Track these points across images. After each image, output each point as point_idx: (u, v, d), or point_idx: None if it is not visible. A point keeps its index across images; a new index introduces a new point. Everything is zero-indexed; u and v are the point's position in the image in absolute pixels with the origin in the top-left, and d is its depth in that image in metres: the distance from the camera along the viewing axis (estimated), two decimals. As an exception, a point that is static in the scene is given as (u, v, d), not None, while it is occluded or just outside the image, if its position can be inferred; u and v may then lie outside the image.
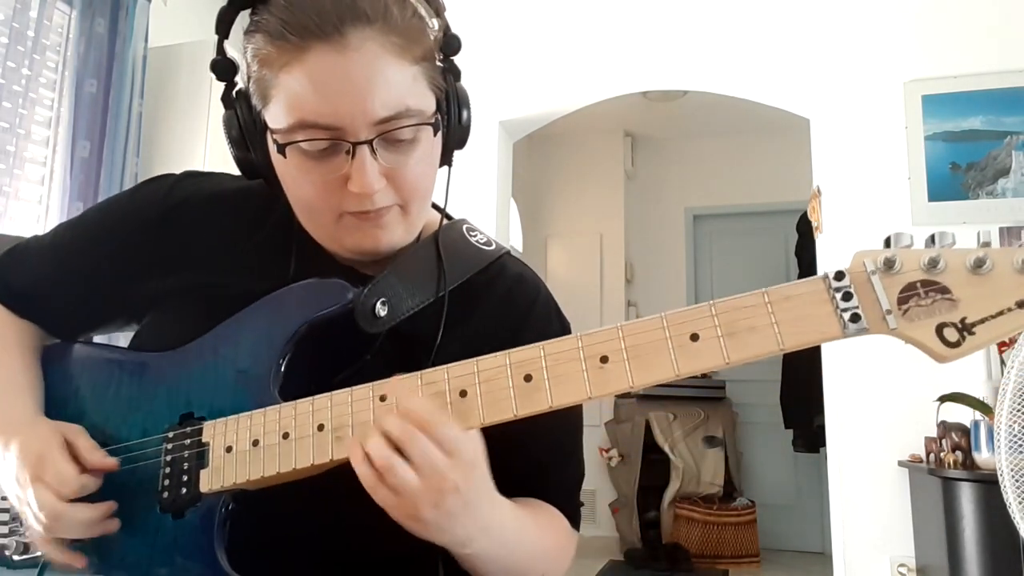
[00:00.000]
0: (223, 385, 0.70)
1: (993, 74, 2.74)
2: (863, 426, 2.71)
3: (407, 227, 0.72)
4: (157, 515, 0.68)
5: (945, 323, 0.53)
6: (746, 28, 3.06)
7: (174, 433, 0.69)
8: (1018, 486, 1.62)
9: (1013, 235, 2.63)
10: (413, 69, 0.66)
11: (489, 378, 0.60)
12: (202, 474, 0.66)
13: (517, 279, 0.82)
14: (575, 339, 0.59)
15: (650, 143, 5.20)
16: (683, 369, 0.56)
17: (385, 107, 0.64)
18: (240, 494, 0.66)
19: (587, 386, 0.58)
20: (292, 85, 0.63)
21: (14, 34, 2.22)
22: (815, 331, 0.55)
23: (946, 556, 2.26)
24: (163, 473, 0.68)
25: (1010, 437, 1.63)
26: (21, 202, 2.35)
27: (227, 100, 0.71)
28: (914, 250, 0.56)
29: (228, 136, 0.72)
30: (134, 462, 0.70)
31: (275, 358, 0.69)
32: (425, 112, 0.67)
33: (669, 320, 0.58)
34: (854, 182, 2.86)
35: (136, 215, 0.79)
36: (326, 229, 0.71)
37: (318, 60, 0.62)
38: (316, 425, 0.63)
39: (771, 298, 0.56)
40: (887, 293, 0.54)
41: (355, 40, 0.62)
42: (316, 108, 0.63)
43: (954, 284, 0.53)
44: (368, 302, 0.70)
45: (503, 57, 3.27)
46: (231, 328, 0.72)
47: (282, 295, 0.71)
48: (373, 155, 0.65)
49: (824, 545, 4.18)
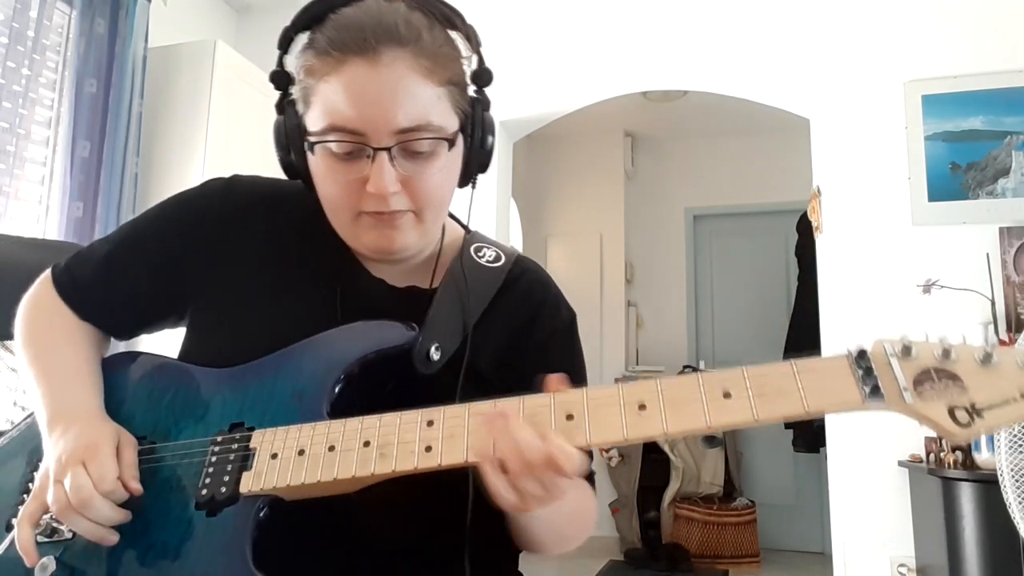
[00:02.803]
0: (277, 402, 0.74)
1: (993, 74, 2.74)
2: (863, 426, 2.71)
3: (421, 233, 0.79)
4: (191, 511, 0.69)
5: (956, 406, 0.59)
6: (746, 28, 3.06)
7: (223, 437, 0.73)
8: (1018, 486, 1.62)
9: (1013, 235, 2.63)
10: (438, 90, 0.73)
11: (533, 414, 0.64)
12: (244, 476, 0.69)
13: (529, 281, 0.90)
14: (616, 388, 0.65)
15: (650, 143, 5.20)
16: (714, 421, 0.61)
17: (407, 118, 0.71)
18: (276, 503, 0.68)
19: (624, 429, 0.63)
20: (329, 93, 0.71)
21: (14, 34, 2.22)
22: (838, 399, 0.61)
23: (946, 556, 2.26)
24: (206, 472, 0.71)
25: (1010, 437, 1.63)
26: (21, 202, 2.35)
27: (280, 107, 0.79)
28: (928, 343, 0.62)
29: (276, 139, 0.79)
30: (180, 459, 0.73)
31: (332, 381, 0.73)
32: (445, 130, 0.74)
33: (704, 379, 0.64)
34: (854, 182, 2.86)
35: (194, 215, 0.86)
36: (347, 226, 0.78)
37: (353, 72, 0.70)
38: (362, 441, 0.67)
39: (798, 368, 0.62)
40: (904, 374, 0.60)
41: (387, 58, 0.70)
42: (346, 114, 0.70)
43: (964, 373, 0.60)
44: (425, 346, 0.76)
45: (503, 57, 3.26)
46: (294, 351, 0.76)
47: (347, 328, 0.76)
48: (392, 161, 0.72)
49: (824, 545, 4.18)
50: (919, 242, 2.74)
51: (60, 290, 0.87)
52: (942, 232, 2.72)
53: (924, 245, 2.73)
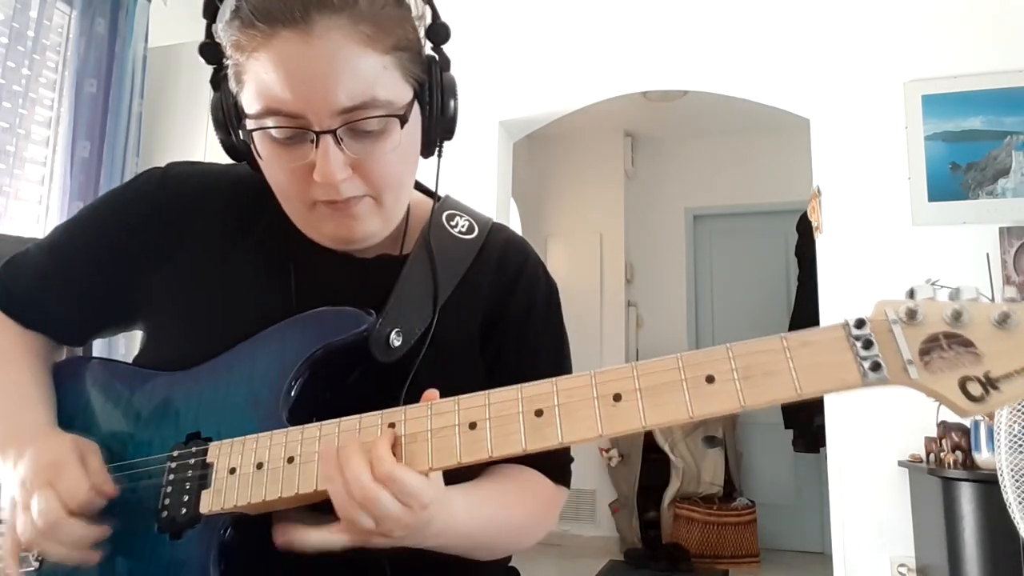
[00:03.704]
0: (232, 406, 0.69)
1: (993, 74, 2.74)
2: (863, 426, 2.71)
3: (384, 218, 0.72)
4: (155, 534, 0.66)
5: (968, 376, 0.51)
6: (746, 28, 3.06)
7: (179, 452, 0.69)
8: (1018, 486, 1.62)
9: (1013, 235, 2.63)
10: (384, 59, 0.65)
11: (500, 411, 0.60)
12: (203, 495, 0.65)
13: (503, 247, 0.84)
14: (588, 376, 0.59)
15: (650, 143, 5.20)
16: (697, 411, 0.56)
17: (349, 97, 0.63)
18: (240, 519, 0.65)
19: (599, 424, 0.57)
20: (259, 72, 0.63)
21: (14, 34, 2.22)
22: (834, 378, 0.54)
23: (946, 556, 2.26)
24: (164, 492, 0.67)
25: (1010, 437, 1.63)
26: (21, 202, 2.35)
27: (214, 82, 0.71)
28: (937, 302, 0.54)
29: (213, 117, 0.71)
30: (137, 479, 0.69)
31: (286, 381, 0.68)
32: (395, 103, 0.66)
33: (685, 361, 0.57)
34: (854, 182, 2.86)
35: (130, 208, 0.79)
36: (303, 217, 0.71)
37: (283, 47, 0.62)
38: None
39: (789, 343, 0.55)
40: (909, 344, 0.53)
41: (320, 28, 0.61)
42: (280, 96, 0.63)
43: (978, 338, 0.52)
44: (383, 332, 0.70)
45: (503, 57, 3.27)
46: (243, 351, 0.72)
47: (296, 321, 0.71)
48: (338, 144, 0.64)
49: (824, 545, 4.18)
50: (919, 242, 2.74)
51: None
52: (942, 232, 2.72)
53: (924, 245, 2.73)
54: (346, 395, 0.69)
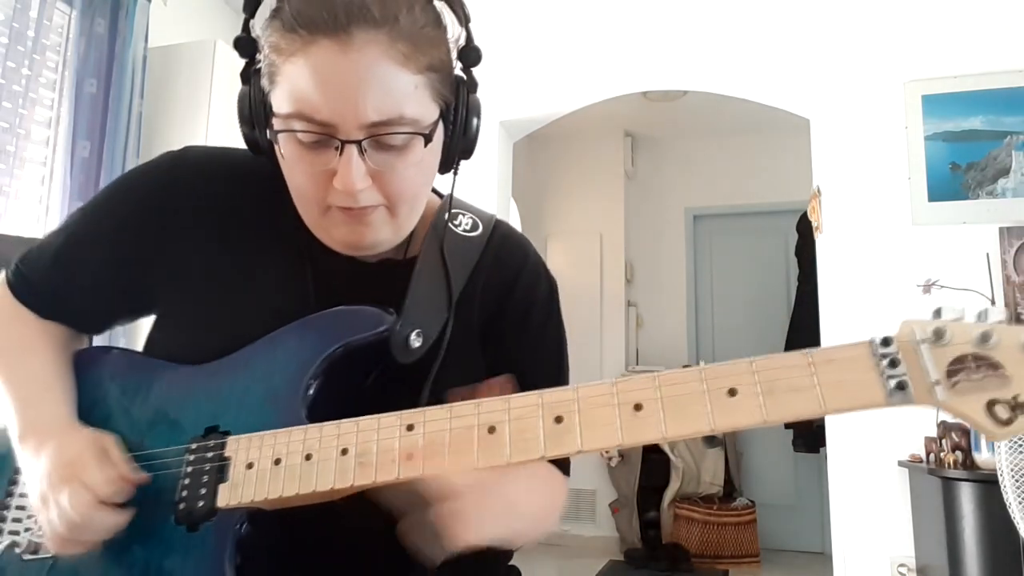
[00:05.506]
0: (252, 402, 0.70)
1: (993, 74, 2.74)
2: (863, 426, 2.71)
3: (395, 228, 0.73)
4: (171, 526, 0.67)
5: (996, 400, 0.51)
6: (746, 28, 3.06)
7: (197, 445, 0.69)
8: (1018, 486, 1.62)
9: (1013, 235, 2.63)
10: (416, 79, 0.66)
11: (520, 416, 0.60)
12: (221, 488, 0.66)
13: (505, 244, 0.84)
14: (609, 384, 0.59)
15: (650, 143, 5.20)
16: (719, 424, 0.55)
17: (378, 112, 0.64)
18: (256, 513, 0.66)
19: (619, 433, 0.57)
20: (295, 76, 0.64)
21: (14, 34, 2.22)
22: (858, 396, 0.54)
23: (946, 556, 2.26)
24: (182, 484, 0.68)
25: (1010, 437, 1.63)
26: (21, 202, 2.35)
27: (245, 76, 0.72)
28: (964, 323, 0.54)
29: (239, 111, 0.72)
30: (155, 471, 0.70)
31: (305, 379, 0.69)
32: (421, 122, 0.67)
33: (707, 373, 0.57)
34: (854, 182, 2.87)
35: (146, 191, 0.79)
36: (316, 219, 0.72)
37: (320, 55, 0.63)
38: (340, 449, 0.63)
39: (815, 359, 0.55)
40: (936, 364, 0.53)
41: (359, 41, 0.63)
42: (312, 102, 0.64)
43: (1006, 361, 0.52)
44: (403, 332, 0.71)
45: (503, 57, 3.27)
46: (262, 346, 0.72)
47: (316, 318, 0.71)
48: (361, 155, 0.65)
49: (824, 545, 4.18)
50: (919, 242, 2.74)
51: (15, 293, 0.81)
52: (942, 232, 2.72)
53: (924, 245, 2.73)
54: (364, 395, 0.70)
